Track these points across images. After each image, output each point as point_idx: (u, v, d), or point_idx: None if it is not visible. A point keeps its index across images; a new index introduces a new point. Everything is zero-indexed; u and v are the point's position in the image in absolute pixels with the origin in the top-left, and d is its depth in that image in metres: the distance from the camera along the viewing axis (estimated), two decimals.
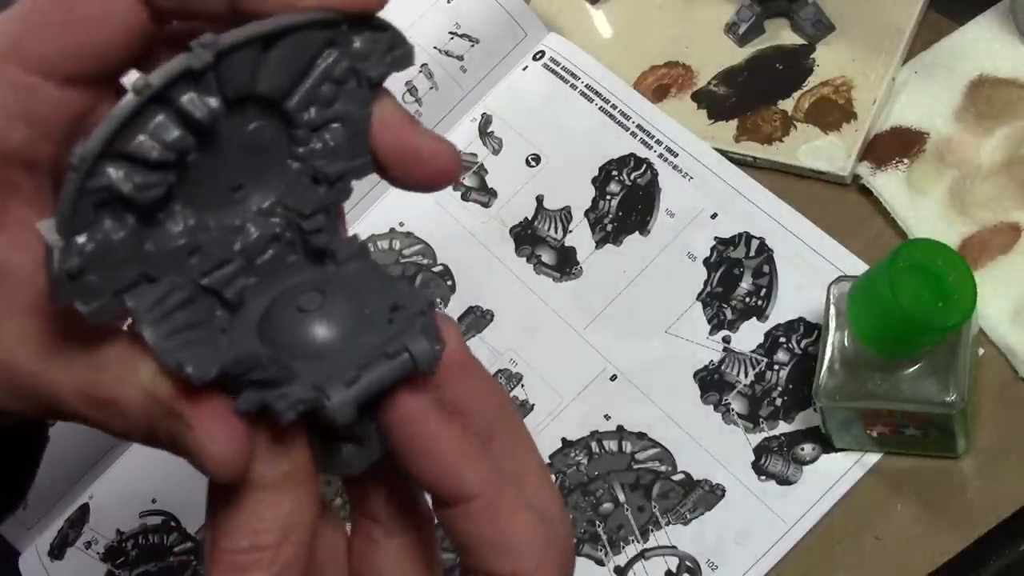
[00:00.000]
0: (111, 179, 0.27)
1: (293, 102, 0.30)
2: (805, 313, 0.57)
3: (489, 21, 0.68)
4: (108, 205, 0.28)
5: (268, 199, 0.31)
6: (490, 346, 0.62)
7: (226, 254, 0.30)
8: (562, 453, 0.58)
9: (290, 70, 0.30)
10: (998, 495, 0.51)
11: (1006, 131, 0.58)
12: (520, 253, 0.64)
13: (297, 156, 0.31)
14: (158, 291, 0.29)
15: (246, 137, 0.30)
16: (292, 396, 0.28)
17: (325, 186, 0.31)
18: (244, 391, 0.28)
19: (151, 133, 0.27)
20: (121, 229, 0.28)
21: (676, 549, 0.55)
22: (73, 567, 0.65)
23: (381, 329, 0.29)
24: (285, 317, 0.30)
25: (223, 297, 0.30)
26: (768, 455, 0.55)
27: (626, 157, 0.64)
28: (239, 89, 0.29)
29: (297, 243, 0.32)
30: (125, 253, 0.28)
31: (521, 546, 0.29)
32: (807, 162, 0.60)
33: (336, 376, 0.28)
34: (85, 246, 0.28)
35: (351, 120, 0.31)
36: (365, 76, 0.31)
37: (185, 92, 0.28)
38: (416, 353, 0.28)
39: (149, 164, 0.28)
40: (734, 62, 0.65)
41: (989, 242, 0.56)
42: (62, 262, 0.27)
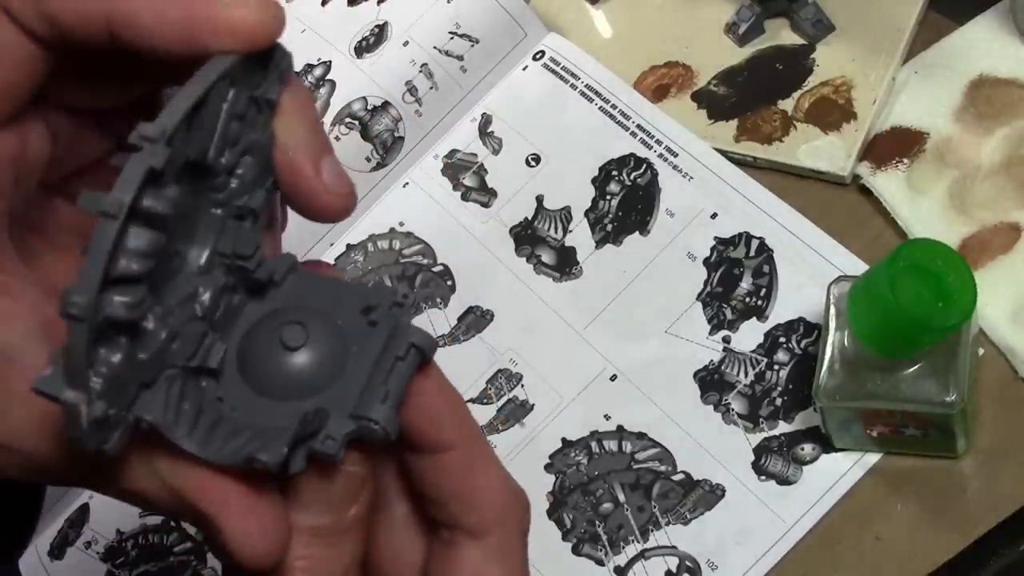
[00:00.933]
0: (108, 311, 0.26)
1: (212, 154, 0.29)
2: (805, 313, 0.57)
3: (489, 21, 0.67)
4: (102, 337, 0.26)
5: (204, 253, 0.30)
6: (490, 346, 0.62)
7: (199, 327, 0.30)
8: (562, 453, 0.58)
9: (209, 127, 0.29)
10: (998, 495, 0.51)
11: (1006, 131, 0.58)
12: (520, 253, 0.64)
13: (219, 202, 0.30)
14: (161, 393, 0.28)
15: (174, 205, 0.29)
16: (338, 435, 0.28)
17: (251, 219, 0.31)
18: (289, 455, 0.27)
19: (129, 250, 0.26)
20: (118, 352, 0.27)
21: (676, 549, 0.55)
22: (73, 567, 0.65)
23: (366, 333, 0.30)
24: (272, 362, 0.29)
25: (208, 368, 0.30)
26: (768, 455, 0.55)
27: (626, 157, 0.64)
28: (177, 167, 0.28)
29: (238, 283, 0.31)
30: (128, 376, 0.27)
31: (487, 501, 0.31)
32: (807, 162, 0.60)
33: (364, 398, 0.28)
34: (98, 385, 0.26)
35: (258, 147, 0.30)
36: (264, 100, 0.30)
37: (145, 194, 0.26)
38: (421, 344, 0.29)
39: (133, 279, 0.27)
40: (734, 62, 0.65)
41: (989, 242, 0.56)
42: (90, 415, 0.26)
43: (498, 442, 0.60)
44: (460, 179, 0.66)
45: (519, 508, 0.32)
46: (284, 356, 0.29)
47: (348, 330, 0.30)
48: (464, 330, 0.63)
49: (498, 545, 0.31)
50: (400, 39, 0.68)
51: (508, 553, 0.32)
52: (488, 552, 0.31)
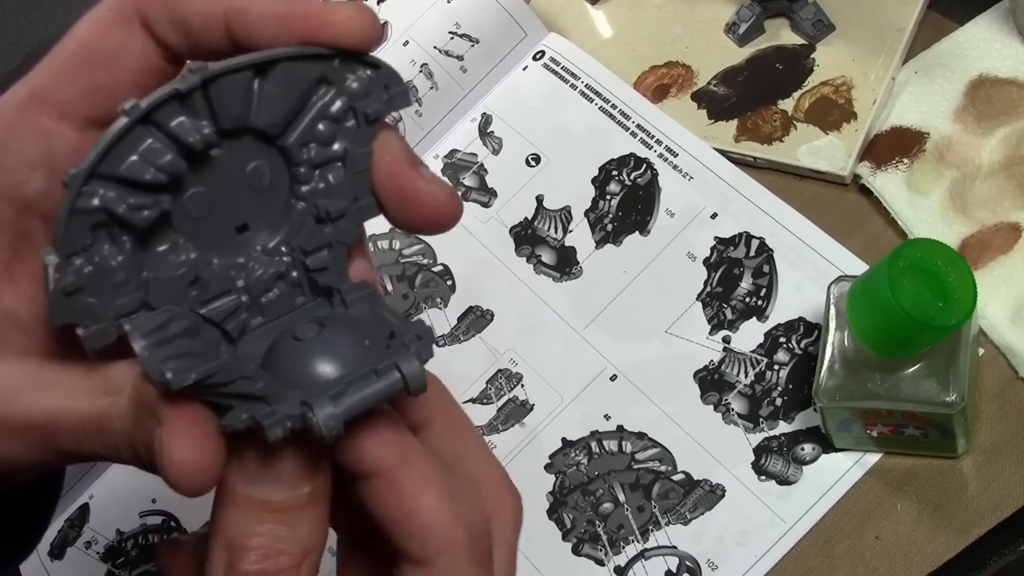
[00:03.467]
0: (104, 200, 0.28)
1: (291, 139, 0.30)
2: (805, 313, 0.57)
3: (489, 21, 0.68)
4: (105, 228, 0.28)
5: (274, 239, 0.31)
6: (490, 346, 0.62)
7: (228, 287, 0.31)
8: (562, 453, 0.58)
9: (283, 104, 0.30)
10: (998, 495, 0.51)
11: (1006, 131, 0.58)
12: (520, 253, 0.64)
13: (300, 196, 0.31)
14: (157, 318, 0.29)
15: (248, 176, 0.30)
16: (280, 413, 0.27)
17: (329, 225, 0.31)
18: (232, 410, 0.28)
19: (143, 155, 0.28)
20: (119, 253, 0.29)
21: (676, 549, 0.55)
22: (73, 567, 0.65)
23: (377, 355, 0.29)
24: (282, 347, 0.30)
25: (225, 330, 0.30)
26: (768, 455, 0.55)
27: (626, 157, 0.64)
28: (233, 120, 0.29)
29: (304, 284, 0.32)
30: (123, 277, 0.29)
31: (424, 528, 0.29)
32: (807, 162, 0.60)
33: (325, 393, 0.28)
34: (83, 267, 0.28)
35: (351, 159, 0.31)
36: (362, 113, 0.31)
37: (176, 117, 0.28)
38: (407, 373, 0.28)
39: (141, 186, 0.28)
40: (734, 62, 0.65)
41: (989, 242, 0.56)
42: (58, 280, 0.28)
43: (498, 442, 0.60)
44: (460, 179, 0.66)
45: (471, 533, 0.30)
46: (289, 344, 0.30)
47: (370, 351, 0.30)
48: (464, 330, 0.63)
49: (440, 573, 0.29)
50: (400, 39, 0.68)
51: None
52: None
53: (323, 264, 0.31)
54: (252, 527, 0.28)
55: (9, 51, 1.56)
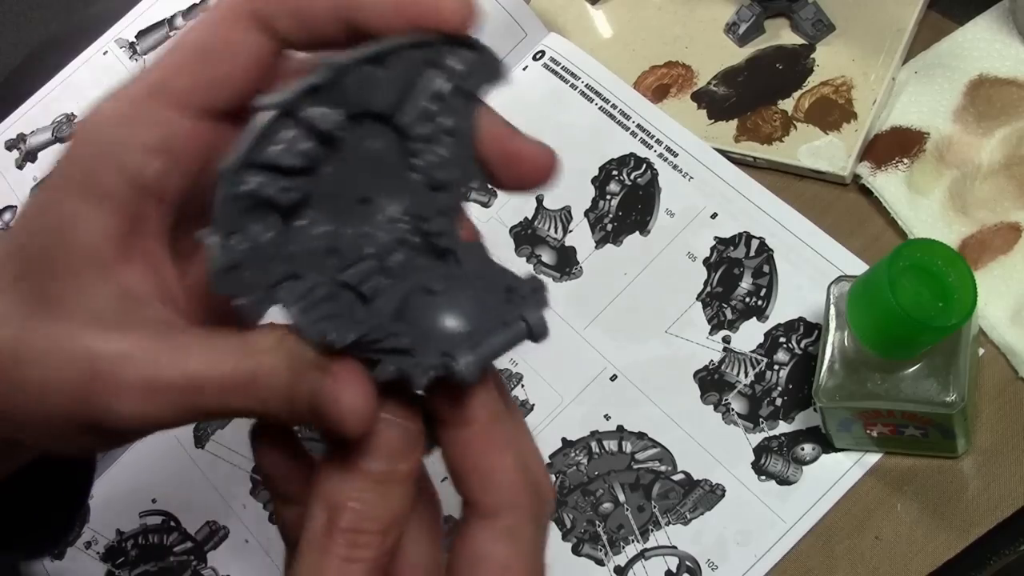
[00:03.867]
0: (256, 184, 0.31)
1: (405, 117, 0.33)
2: (805, 313, 0.58)
3: (489, 21, 0.67)
4: (255, 210, 0.32)
5: (395, 209, 0.34)
6: None
7: (360, 254, 0.34)
8: (562, 453, 0.58)
9: (398, 87, 0.33)
10: (998, 495, 0.51)
11: (1006, 131, 0.58)
12: (520, 253, 0.64)
13: (415, 168, 0.34)
14: (304, 285, 0.32)
15: (369, 153, 0.34)
16: (424, 363, 0.31)
17: (443, 192, 0.34)
18: (380, 363, 0.31)
19: (286, 144, 0.32)
20: (268, 231, 0.32)
21: (676, 549, 0.55)
22: (73, 567, 0.65)
23: (500, 308, 0.33)
24: (416, 301, 0.33)
25: (360, 292, 0.33)
26: (768, 455, 0.55)
27: (626, 157, 0.64)
28: (357, 105, 0.32)
29: (423, 247, 0.34)
30: (273, 252, 0.32)
31: (499, 482, 0.32)
32: (807, 162, 0.60)
33: (460, 343, 0.31)
34: (239, 244, 0.32)
35: (459, 132, 0.34)
36: (465, 91, 0.34)
37: (311, 107, 0.32)
38: (532, 322, 0.32)
39: (285, 171, 0.32)
40: (734, 62, 0.65)
41: (989, 242, 0.56)
42: (221, 258, 0.32)
43: None
44: None
45: (535, 497, 0.33)
46: (421, 298, 0.33)
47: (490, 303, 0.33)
48: None
49: (507, 528, 0.32)
50: None
51: (516, 537, 0.32)
52: (496, 533, 0.32)
53: (440, 228, 0.34)
54: (352, 492, 0.31)
55: (9, 51, 1.56)
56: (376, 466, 0.32)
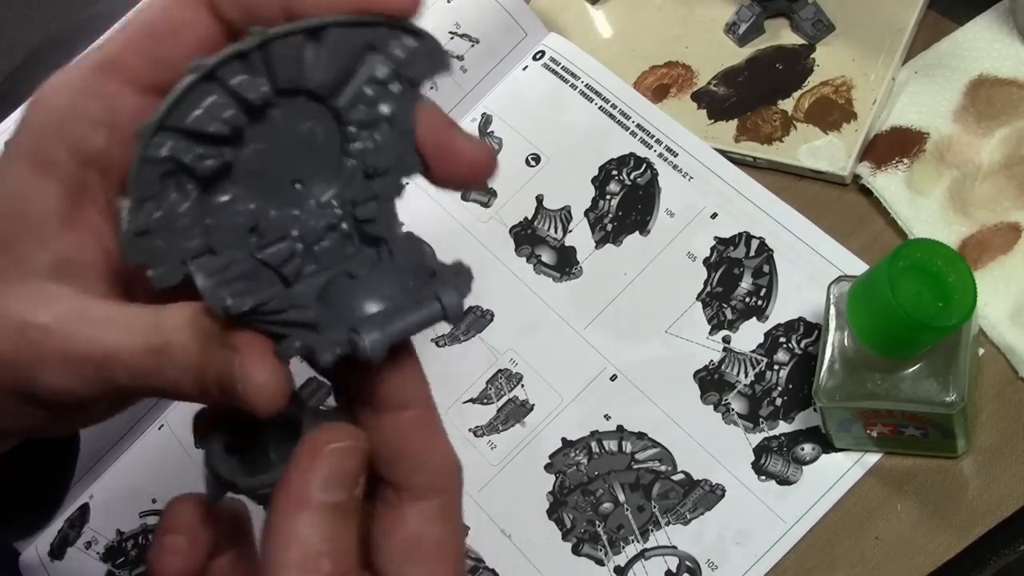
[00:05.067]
0: (173, 149, 0.31)
1: (342, 100, 0.33)
2: (805, 313, 0.57)
3: (489, 21, 0.68)
4: (172, 176, 0.31)
5: (326, 194, 0.34)
6: (490, 346, 0.62)
7: (284, 235, 0.33)
8: (562, 453, 0.58)
9: (334, 67, 0.32)
10: (998, 495, 0.51)
11: (1006, 131, 0.58)
12: (520, 253, 0.64)
13: (350, 153, 0.34)
14: (219, 261, 0.32)
15: (302, 134, 0.33)
16: (329, 339, 0.31)
17: (377, 180, 0.34)
18: (286, 339, 0.31)
19: (207, 109, 0.31)
20: (185, 200, 0.32)
21: (676, 549, 0.55)
22: (73, 567, 0.65)
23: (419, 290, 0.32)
24: (335, 284, 0.33)
25: (281, 273, 0.33)
26: (768, 455, 0.55)
27: (626, 157, 0.64)
28: (289, 80, 0.32)
29: (354, 235, 0.34)
30: (189, 222, 0.32)
31: (436, 463, 0.33)
32: (807, 162, 0.60)
33: (371, 319, 0.31)
34: (152, 211, 0.31)
35: (397, 120, 0.33)
36: (406, 78, 0.33)
37: (238, 75, 0.31)
38: (446, 303, 0.32)
39: (206, 137, 0.31)
40: (734, 62, 0.65)
41: (989, 242, 0.56)
42: (130, 222, 0.31)
43: (498, 442, 0.60)
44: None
45: (459, 474, 0.34)
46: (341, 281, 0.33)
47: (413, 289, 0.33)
48: (464, 330, 0.63)
49: (440, 506, 0.33)
50: None
51: (449, 514, 0.33)
52: (430, 513, 0.33)
53: (371, 215, 0.34)
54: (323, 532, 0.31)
55: (9, 51, 1.56)
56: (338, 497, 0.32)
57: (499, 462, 0.59)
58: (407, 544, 0.33)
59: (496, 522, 0.58)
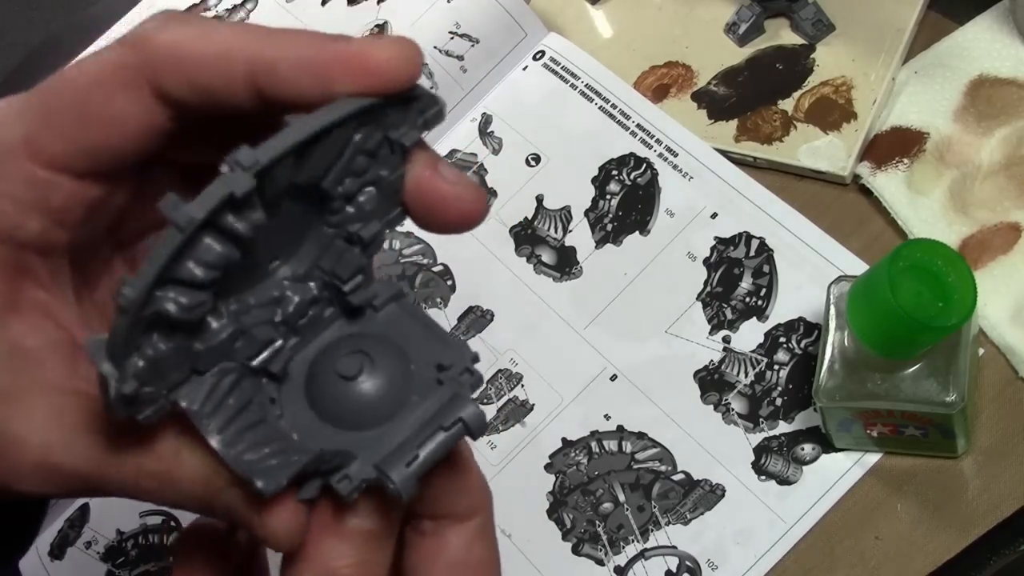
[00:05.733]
0: (160, 307, 0.27)
1: (329, 180, 0.29)
2: (805, 313, 0.57)
3: (489, 21, 0.67)
4: (156, 325, 0.28)
5: (304, 266, 0.31)
6: (490, 346, 0.62)
7: (270, 332, 0.30)
8: (562, 453, 0.58)
9: (326, 159, 0.29)
10: (998, 495, 0.51)
11: (1006, 131, 0.58)
12: (520, 253, 0.64)
13: (331, 224, 0.31)
14: (207, 384, 0.29)
15: (280, 219, 0.29)
16: (355, 479, 0.29)
17: (359, 247, 0.31)
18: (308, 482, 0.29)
19: (196, 258, 0.27)
20: (170, 341, 0.28)
21: (676, 549, 0.55)
22: (73, 567, 0.65)
23: (429, 389, 0.30)
24: (330, 385, 0.30)
25: (269, 372, 0.30)
26: (768, 455, 0.55)
27: (626, 157, 0.64)
28: (278, 190, 0.28)
29: (334, 299, 0.31)
30: (175, 362, 0.29)
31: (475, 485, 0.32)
32: (807, 162, 0.60)
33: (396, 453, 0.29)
34: (138, 366, 0.28)
35: (385, 184, 0.30)
36: (399, 144, 0.30)
37: (227, 214, 0.27)
38: (469, 420, 0.29)
39: (195, 285, 0.27)
40: (734, 62, 0.65)
41: (989, 242, 0.56)
42: (119, 389, 0.27)
43: (498, 442, 0.60)
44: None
45: (490, 492, 0.33)
46: (337, 383, 0.30)
47: (416, 378, 0.30)
48: (464, 330, 0.63)
49: (480, 526, 0.32)
50: None
51: (488, 533, 0.33)
52: (472, 533, 0.32)
53: (359, 286, 0.31)
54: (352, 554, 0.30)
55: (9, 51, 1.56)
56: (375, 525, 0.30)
57: (499, 462, 0.59)
58: (453, 567, 0.32)
59: (496, 522, 0.58)
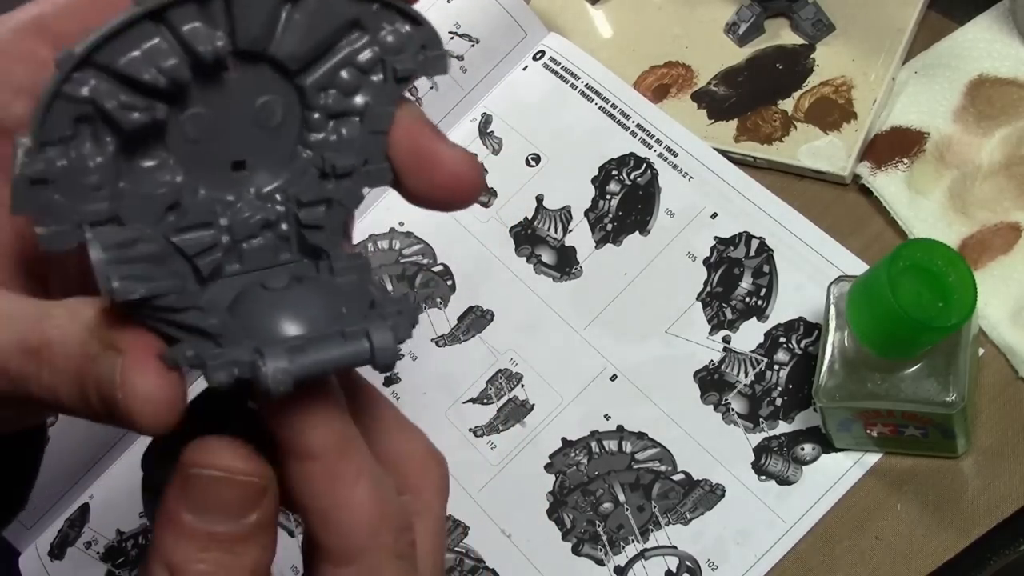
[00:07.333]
0: (94, 91, 0.26)
1: (310, 79, 0.28)
2: (805, 313, 0.57)
3: (489, 21, 0.67)
4: (89, 123, 0.26)
5: (270, 184, 0.29)
6: (490, 346, 0.62)
7: (207, 215, 0.28)
8: (562, 453, 0.58)
9: (309, 38, 0.28)
10: (998, 495, 0.51)
11: (1006, 131, 0.58)
12: (520, 253, 0.64)
13: (308, 143, 0.29)
14: (123, 234, 0.27)
15: (257, 109, 0.28)
16: (228, 356, 0.25)
17: (332, 181, 0.29)
18: (178, 344, 0.26)
19: (146, 53, 0.26)
20: (99, 154, 0.27)
21: (676, 549, 0.55)
22: (73, 567, 0.65)
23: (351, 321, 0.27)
24: (250, 294, 0.28)
25: (196, 266, 0.28)
26: (768, 455, 0.55)
27: (626, 157, 0.64)
28: (252, 41, 0.27)
29: (293, 240, 0.29)
30: (98, 180, 0.27)
31: (350, 521, 0.27)
32: (807, 162, 0.60)
33: (280, 345, 0.25)
34: (55, 158, 0.26)
35: (371, 116, 0.29)
36: (391, 69, 0.29)
37: (191, 21, 0.26)
38: (377, 343, 0.26)
39: (138, 86, 0.26)
40: (734, 62, 0.65)
41: (989, 242, 0.56)
42: (25, 165, 0.26)
43: (498, 442, 0.60)
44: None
45: (393, 532, 0.28)
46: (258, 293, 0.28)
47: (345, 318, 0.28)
48: (464, 330, 0.63)
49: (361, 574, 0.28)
50: None
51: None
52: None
53: (317, 221, 0.29)
54: (196, 554, 0.27)
55: None
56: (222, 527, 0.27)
57: (499, 462, 0.59)
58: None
59: (496, 522, 0.58)
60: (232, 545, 0.27)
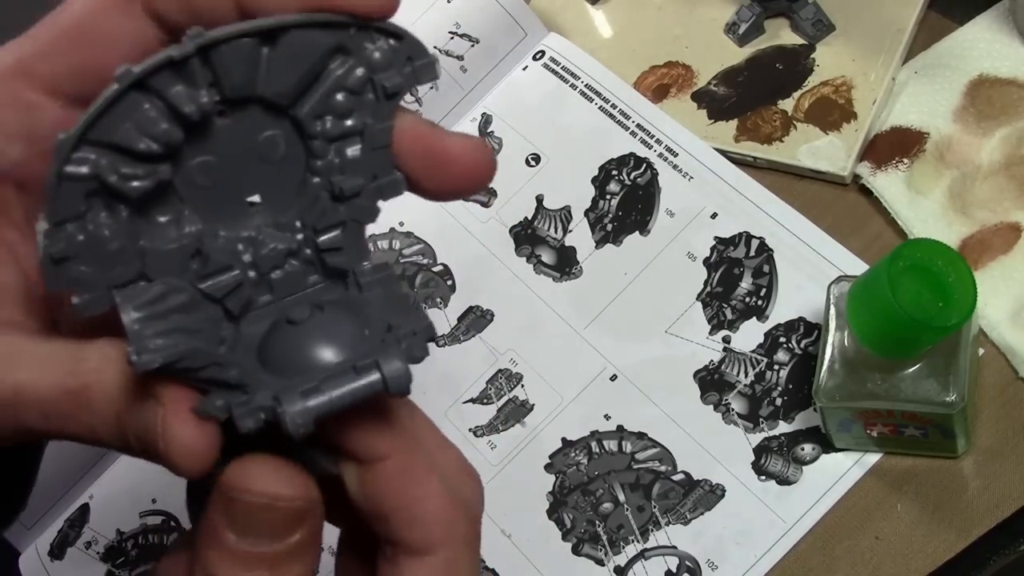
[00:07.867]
0: (95, 166, 0.27)
1: (304, 110, 0.29)
2: (805, 313, 0.57)
3: (489, 21, 0.68)
4: (99, 196, 0.28)
5: (286, 214, 0.30)
6: (490, 346, 0.62)
7: (229, 258, 0.29)
8: (562, 453, 0.58)
9: (294, 73, 0.29)
10: (998, 495, 0.51)
11: (1006, 131, 0.58)
12: (520, 253, 0.64)
13: (315, 170, 0.30)
14: (152, 291, 0.28)
15: (259, 146, 0.29)
16: (253, 403, 0.26)
17: (343, 204, 0.30)
18: (208, 396, 0.27)
19: (136, 123, 0.27)
20: (114, 222, 0.28)
21: (676, 549, 0.55)
22: (73, 567, 0.65)
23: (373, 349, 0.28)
24: (276, 330, 0.29)
25: (226, 308, 0.29)
26: (768, 455, 0.55)
27: (626, 157, 0.64)
28: (238, 88, 0.28)
29: (317, 263, 0.30)
30: (118, 246, 0.28)
31: (429, 515, 0.29)
32: (807, 162, 0.60)
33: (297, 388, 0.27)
34: (74, 234, 0.27)
35: (370, 134, 0.30)
36: (380, 86, 0.29)
37: (173, 85, 0.27)
38: (388, 373, 0.27)
39: (135, 155, 0.27)
40: (734, 62, 0.65)
41: (989, 242, 0.56)
42: (48, 246, 0.27)
43: (498, 442, 0.60)
44: None
45: (465, 521, 0.29)
46: (282, 328, 0.29)
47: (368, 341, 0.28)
48: (464, 330, 0.63)
49: (444, 562, 0.29)
50: None
51: (455, 570, 0.29)
52: (432, 570, 0.29)
53: (335, 244, 0.30)
54: (239, 572, 0.27)
55: None
56: (266, 548, 0.27)
57: (499, 462, 0.59)
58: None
59: (496, 522, 0.58)
60: (276, 563, 0.28)
